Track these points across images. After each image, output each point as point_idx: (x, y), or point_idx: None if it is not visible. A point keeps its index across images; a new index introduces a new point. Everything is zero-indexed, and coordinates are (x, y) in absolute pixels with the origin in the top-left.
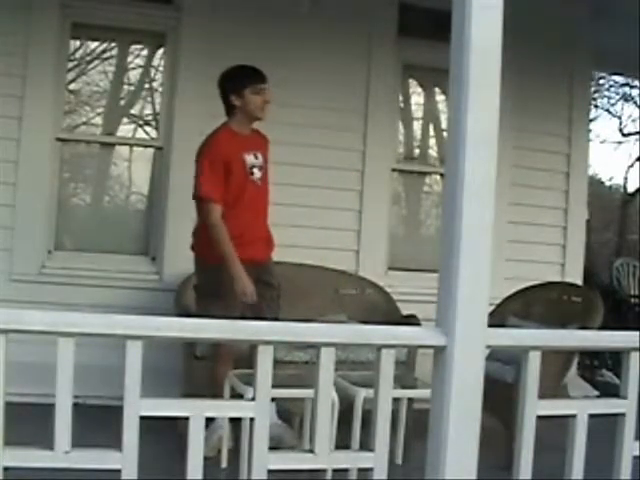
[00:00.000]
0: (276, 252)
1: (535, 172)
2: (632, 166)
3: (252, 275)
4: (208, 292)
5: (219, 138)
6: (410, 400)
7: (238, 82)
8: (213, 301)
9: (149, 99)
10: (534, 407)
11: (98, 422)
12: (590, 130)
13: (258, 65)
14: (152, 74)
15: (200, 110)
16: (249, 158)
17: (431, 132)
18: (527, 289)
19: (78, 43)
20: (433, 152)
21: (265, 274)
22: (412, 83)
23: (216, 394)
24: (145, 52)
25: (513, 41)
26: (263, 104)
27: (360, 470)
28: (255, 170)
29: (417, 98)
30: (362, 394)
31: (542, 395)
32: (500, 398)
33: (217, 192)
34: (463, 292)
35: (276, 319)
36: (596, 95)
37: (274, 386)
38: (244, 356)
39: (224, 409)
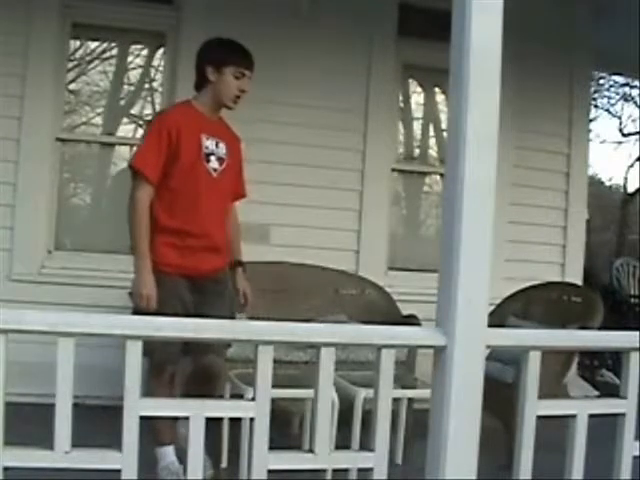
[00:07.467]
0: (276, 252)
1: (535, 172)
2: (632, 166)
3: (194, 287)
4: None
5: (175, 110)
6: (410, 400)
7: (221, 55)
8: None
9: (149, 99)
10: (534, 407)
11: (98, 422)
12: (590, 130)
13: (258, 65)
14: (152, 74)
15: None
16: (208, 142)
17: (431, 132)
18: (527, 289)
19: (78, 43)
20: (433, 152)
21: (215, 285)
22: (412, 83)
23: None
24: (145, 52)
25: (513, 41)
26: (238, 92)
27: (360, 470)
28: (212, 158)
29: (417, 98)
30: (362, 394)
31: (542, 395)
32: (500, 398)
33: (153, 170)
34: (463, 292)
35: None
36: (596, 95)
37: (274, 386)
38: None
39: (224, 409)
